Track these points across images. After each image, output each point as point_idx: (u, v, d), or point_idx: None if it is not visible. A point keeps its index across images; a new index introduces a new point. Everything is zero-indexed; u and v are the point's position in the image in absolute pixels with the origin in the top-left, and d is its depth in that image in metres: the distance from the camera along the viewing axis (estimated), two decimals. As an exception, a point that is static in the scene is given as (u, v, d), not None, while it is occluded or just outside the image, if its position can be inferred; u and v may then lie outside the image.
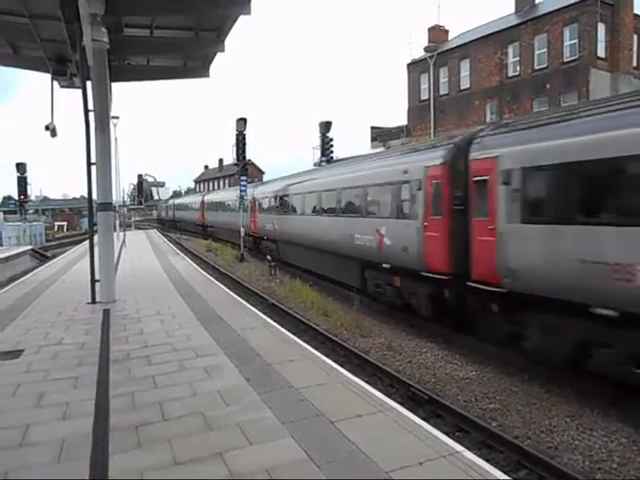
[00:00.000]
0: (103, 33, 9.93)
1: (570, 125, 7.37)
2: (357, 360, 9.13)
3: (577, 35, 25.30)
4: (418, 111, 34.77)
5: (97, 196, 10.66)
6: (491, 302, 8.75)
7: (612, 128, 6.58)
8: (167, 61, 14.84)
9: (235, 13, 11.18)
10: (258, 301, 14.35)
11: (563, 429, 6.32)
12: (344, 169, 15.78)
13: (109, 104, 11.48)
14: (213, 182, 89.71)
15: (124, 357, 6.61)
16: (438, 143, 11.12)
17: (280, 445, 4.14)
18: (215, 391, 5.34)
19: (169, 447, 4.11)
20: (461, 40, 33.29)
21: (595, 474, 5.32)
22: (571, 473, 5.16)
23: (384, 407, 4.98)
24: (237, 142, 24.65)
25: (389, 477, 3.65)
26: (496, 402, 7.21)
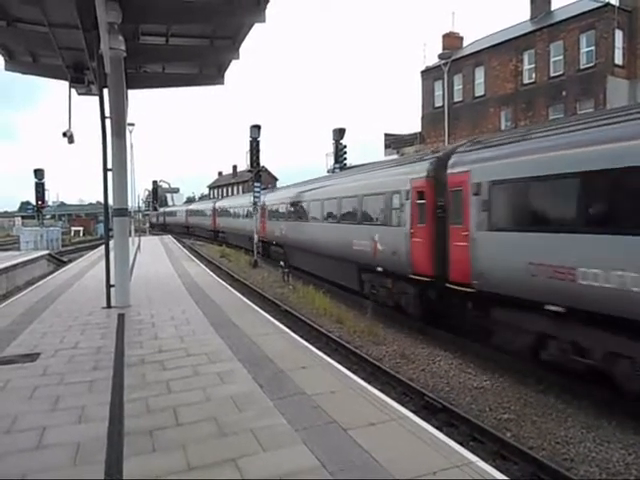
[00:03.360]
0: (120, 41, 10.10)
1: (523, 145, 8.62)
2: (370, 368, 9.10)
3: (594, 42, 25.05)
4: (432, 118, 34.68)
5: (113, 202, 10.78)
6: (466, 301, 9.82)
7: (550, 149, 7.84)
8: (182, 68, 15.01)
9: (250, 21, 11.29)
10: (271, 307, 14.38)
11: (579, 441, 6.22)
12: (343, 179, 16.87)
13: (125, 111, 11.64)
14: (227, 188, 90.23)
15: (139, 362, 6.66)
16: (424, 157, 12.13)
17: (293, 452, 4.13)
18: (228, 397, 5.35)
19: (183, 452, 4.12)
20: (476, 47, 33.19)
21: (613, 487, 5.23)
22: (588, 486, 5.07)
23: (398, 415, 4.94)
24: (251, 149, 24.79)
25: (403, 486, 3.62)
26: (510, 412, 7.12)
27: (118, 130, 10.68)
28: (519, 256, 8.15)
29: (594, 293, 6.86)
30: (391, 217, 12.48)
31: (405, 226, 11.73)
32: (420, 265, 11.14)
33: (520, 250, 8.20)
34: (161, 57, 13.49)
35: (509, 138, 9.32)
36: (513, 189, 8.59)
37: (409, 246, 11.50)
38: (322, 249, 17.07)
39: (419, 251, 11.18)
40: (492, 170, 9.04)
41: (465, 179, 9.66)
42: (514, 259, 8.28)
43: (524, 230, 8.22)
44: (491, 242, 8.96)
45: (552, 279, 7.48)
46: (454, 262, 9.93)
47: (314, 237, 17.87)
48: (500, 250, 8.73)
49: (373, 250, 13.20)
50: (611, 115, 7.41)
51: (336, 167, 25.44)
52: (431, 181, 10.95)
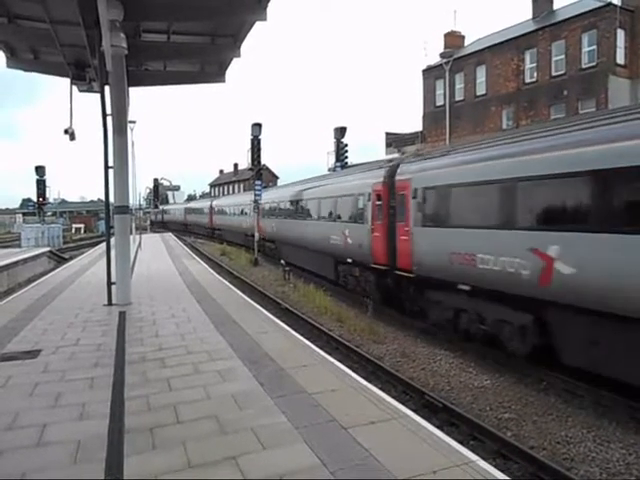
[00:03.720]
0: (122, 39, 10.09)
1: (444, 159, 11.04)
2: (371, 366, 9.09)
3: (595, 41, 24.97)
4: (433, 117, 34.63)
5: (114, 199, 10.79)
6: (409, 285, 11.94)
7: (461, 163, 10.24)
8: (184, 66, 15.00)
9: (251, 19, 11.28)
10: (272, 305, 14.38)
11: (580, 440, 6.21)
12: (323, 182, 19.03)
13: (127, 108, 11.63)
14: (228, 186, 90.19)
15: (139, 359, 6.67)
16: (382, 165, 14.14)
17: (294, 450, 4.14)
18: (229, 395, 5.35)
19: (183, 450, 4.13)
20: (477, 46, 33.12)
21: (613, 487, 5.23)
22: (588, 485, 5.06)
23: (398, 414, 4.94)
24: (252, 147, 24.76)
25: (403, 485, 3.62)
26: (511, 412, 7.11)
27: (119, 127, 10.68)
28: (442, 246, 10.29)
29: (487, 274, 8.93)
30: (357, 215, 14.57)
31: (367, 223, 13.77)
32: (378, 256, 13.16)
33: (443, 242, 10.33)
34: (162, 55, 13.48)
35: (438, 153, 11.84)
36: (437, 193, 10.75)
37: (370, 240, 13.55)
38: (307, 244, 19.14)
39: (377, 244, 13.25)
40: (424, 178, 11.23)
41: (407, 185, 11.78)
42: (439, 249, 10.44)
43: (445, 226, 10.40)
44: (424, 236, 11.13)
45: (462, 264, 9.60)
46: (400, 253, 12.05)
47: (300, 233, 19.88)
48: (430, 242, 10.89)
49: (344, 244, 15.35)
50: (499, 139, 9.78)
51: (337, 165, 25.42)
52: (386, 186, 12.95)
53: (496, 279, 8.75)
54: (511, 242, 8.48)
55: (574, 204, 7.67)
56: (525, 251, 8.11)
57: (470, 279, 9.51)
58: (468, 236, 9.56)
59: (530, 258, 8.02)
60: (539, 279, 7.87)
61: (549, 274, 7.71)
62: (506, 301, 8.75)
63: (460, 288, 9.76)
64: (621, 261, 6.60)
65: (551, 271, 7.66)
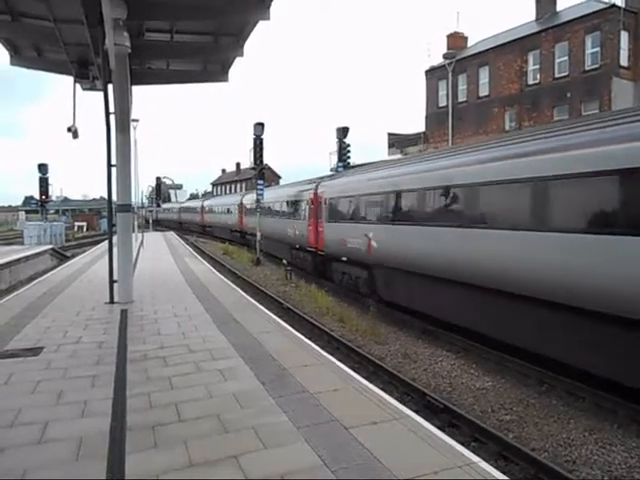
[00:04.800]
0: (125, 37, 10.09)
1: (335, 180, 18.47)
2: (372, 367, 9.09)
3: (599, 43, 24.98)
4: (436, 118, 34.64)
5: (117, 197, 10.81)
6: (325, 260, 18.21)
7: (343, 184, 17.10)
8: (187, 65, 15.00)
9: (254, 19, 11.27)
10: (273, 305, 14.38)
11: (581, 443, 6.20)
12: (285, 189, 26.41)
13: (129, 107, 11.64)
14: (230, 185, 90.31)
15: (141, 357, 6.68)
16: (315, 181, 20.31)
17: (295, 450, 4.13)
18: (230, 394, 5.35)
19: (185, 448, 4.12)
20: (480, 47, 33.12)
21: (614, 490, 5.22)
22: (590, 488, 5.06)
23: (399, 415, 4.94)
24: (254, 146, 24.78)
25: (405, 486, 3.61)
26: (513, 413, 7.10)
27: (122, 126, 10.69)
28: (337, 234, 16.42)
29: (351, 250, 15.09)
30: (301, 214, 20.97)
31: (306, 220, 20.01)
32: (311, 242, 19.33)
33: (337, 232, 16.46)
34: (165, 53, 13.49)
35: (337, 175, 20.12)
36: (334, 201, 17.21)
37: (307, 231, 19.76)
38: (274, 236, 25.51)
39: (310, 234, 19.38)
40: (328, 192, 17.96)
41: (322, 196, 18.45)
42: (334, 236, 16.74)
43: (337, 221, 16.67)
44: (328, 228, 17.44)
45: (342, 245, 15.74)
46: (319, 239, 18.34)
47: (270, 228, 26.01)
48: (330, 232, 17.20)
49: (294, 235, 21.73)
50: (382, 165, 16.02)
51: (339, 166, 25.38)
52: (315, 195, 19.22)
53: (354, 253, 14.99)
54: (358, 231, 14.61)
55: (372, 209, 14.23)
56: (363, 236, 14.16)
57: (346, 254, 15.65)
58: (344, 228, 15.86)
59: (364, 240, 14.05)
60: (368, 251, 13.91)
61: (370, 248, 13.82)
62: (359, 265, 14.91)
63: (342, 260, 16.03)
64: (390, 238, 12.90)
65: (371, 247, 13.79)
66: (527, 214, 8.30)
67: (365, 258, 14.05)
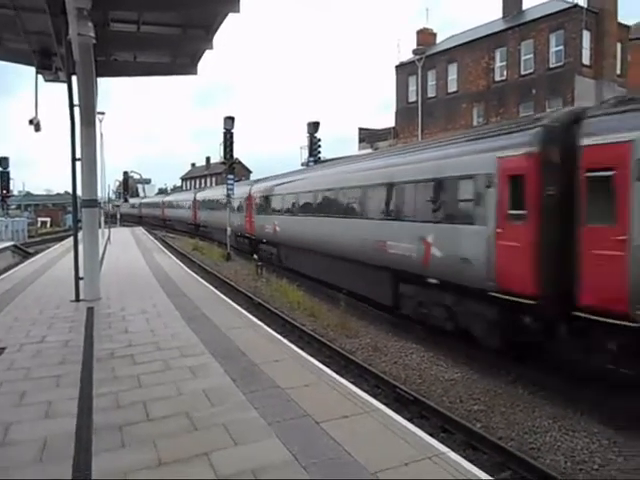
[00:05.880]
0: (89, 28, 9.78)
1: (260, 184, 24.47)
2: (343, 361, 9.14)
3: (563, 42, 25.57)
4: (406, 113, 34.89)
5: (82, 192, 10.52)
6: (256, 242, 23.45)
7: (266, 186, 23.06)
8: (154, 57, 14.67)
9: (224, 10, 11.08)
10: (244, 300, 14.29)
11: (546, 430, 6.39)
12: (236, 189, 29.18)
13: (95, 99, 11.33)
14: (200, 180, 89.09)
15: (108, 356, 6.54)
16: (252, 182, 26.82)
17: (266, 446, 4.12)
18: (200, 391, 5.30)
19: (153, 447, 4.06)
20: (449, 44, 33.49)
21: (577, 475, 5.40)
22: (553, 474, 5.22)
23: (370, 408, 4.98)
24: (224, 140, 24.52)
25: (375, 478, 3.65)
26: (480, 403, 7.27)
27: (87, 119, 10.41)
28: (260, 223, 22.10)
29: (267, 235, 21.27)
30: (242, 209, 25.89)
31: (244, 212, 25.41)
32: (248, 230, 24.70)
33: (260, 221, 22.11)
34: (132, 45, 13.16)
35: (262, 179, 25.23)
36: (259, 199, 22.91)
37: (244, 222, 25.20)
38: (222, 226, 28.02)
39: (247, 224, 24.71)
40: (255, 191, 23.91)
41: (253, 195, 24.06)
42: (259, 224, 22.34)
43: (260, 214, 22.35)
44: (256, 219, 23.05)
45: (263, 231, 21.61)
46: (252, 227, 23.83)
47: (221, 219, 28.96)
48: (257, 221, 22.82)
49: (237, 225, 26.02)
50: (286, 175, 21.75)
51: (310, 160, 25.40)
52: (249, 194, 24.74)
53: (269, 236, 20.85)
54: (270, 220, 20.54)
55: (277, 205, 20.14)
56: (273, 224, 19.74)
57: (265, 237, 21.70)
58: (263, 219, 21.87)
59: (272, 226, 19.78)
60: (274, 233, 19.78)
61: (276, 231, 19.42)
62: (271, 244, 20.88)
63: (264, 241, 21.99)
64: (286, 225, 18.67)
65: (276, 230, 19.40)
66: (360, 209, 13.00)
67: (274, 239, 20.50)
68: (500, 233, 8.14)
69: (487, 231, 8.40)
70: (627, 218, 6.47)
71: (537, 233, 7.59)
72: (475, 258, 8.59)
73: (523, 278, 7.65)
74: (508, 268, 7.98)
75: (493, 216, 8.32)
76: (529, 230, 7.67)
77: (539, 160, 7.59)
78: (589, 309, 6.83)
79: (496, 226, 8.24)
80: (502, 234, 8.09)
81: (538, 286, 7.49)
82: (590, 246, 6.91)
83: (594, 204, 6.94)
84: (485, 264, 8.38)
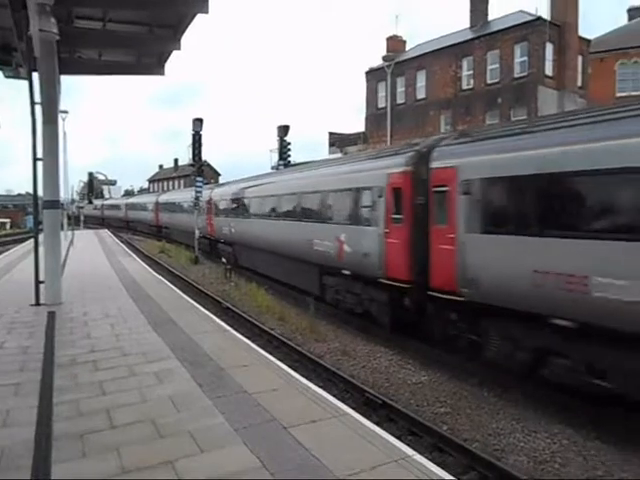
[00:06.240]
0: (52, 24, 9.53)
1: (217, 189, 26.90)
2: (311, 365, 9.13)
3: (527, 53, 26.34)
4: (376, 118, 35.25)
5: (43, 193, 10.21)
6: (217, 243, 25.26)
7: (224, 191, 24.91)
8: (120, 56, 14.42)
9: (192, 11, 10.98)
10: (212, 304, 14.11)
11: (509, 432, 6.53)
12: (184, 193, 33.86)
13: (57, 97, 11.02)
14: (168, 182, 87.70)
15: (70, 362, 6.34)
16: (213, 186, 28.01)
17: (233, 452, 4.07)
18: (166, 397, 5.19)
19: (116, 456, 3.95)
20: (418, 51, 34.03)
21: (539, 474, 5.53)
22: (517, 474, 5.33)
23: (338, 412, 4.98)
24: (193, 142, 24.27)
25: (343, 482, 3.65)
26: (447, 406, 7.37)
27: (49, 117, 10.12)
28: (218, 225, 23.72)
29: (225, 235, 22.96)
30: (202, 211, 25.94)
31: (204, 215, 25.82)
32: (209, 231, 25.64)
33: (219, 223, 23.58)
34: (97, 43, 12.90)
35: (219, 185, 29.46)
36: (217, 203, 24.36)
37: (205, 224, 25.72)
38: (189, 229, 28.62)
39: (208, 226, 25.52)
40: (214, 196, 25.05)
41: (213, 199, 25.16)
42: (218, 226, 23.79)
43: (218, 216, 23.83)
44: (215, 221, 24.28)
45: (220, 232, 23.53)
46: (212, 229, 24.97)
47: (186, 222, 30.51)
48: (216, 224, 23.98)
49: (201, 226, 25.90)
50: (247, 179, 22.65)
51: (280, 164, 25.37)
52: (211, 199, 25.45)
53: (225, 236, 22.83)
54: (226, 222, 22.35)
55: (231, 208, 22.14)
56: (229, 226, 21.81)
57: (222, 237, 23.49)
58: (221, 221, 23.36)
59: (228, 228, 21.52)
60: (230, 235, 21.72)
61: (231, 232, 21.47)
62: (228, 244, 22.59)
63: (221, 241, 23.85)
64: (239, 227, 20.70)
65: (231, 232, 21.49)
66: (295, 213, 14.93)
67: (230, 239, 22.16)
68: (387, 232, 10.27)
69: (379, 231, 10.50)
70: (455, 221, 8.51)
71: (409, 232, 9.76)
72: (372, 253, 10.70)
73: (401, 267, 9.86)
74: (392, 260, 10.11)
75: (383, 219, 10.40)
76: (404, 230, 9.85)
77: (411, 177, 9.78)
78: (437, 290, 8.88)
79: (384, 227, 10.35)
80: (388, 233, 10.24)
81: (410, 274, 9.62)
82: (435, 242, 9.00)
83: (438, 210, 8.99)
84: (378, 257, 10.49)
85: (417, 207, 9.61)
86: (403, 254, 9.80)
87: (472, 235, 8.13)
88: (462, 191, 8.35)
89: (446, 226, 8.68)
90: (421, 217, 9.38)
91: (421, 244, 9.28)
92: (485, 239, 7.93)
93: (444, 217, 8.73)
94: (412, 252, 9.60)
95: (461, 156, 8.65)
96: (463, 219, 8.32)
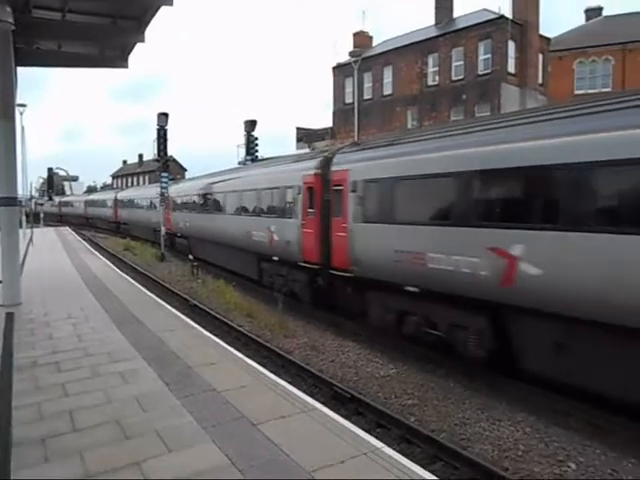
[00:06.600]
0: (7, 13, 9.17)
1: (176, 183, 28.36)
2: (281, 361, 9.12)
3: (491, 50, 26.91)
4: (343, 114, 35.35)
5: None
6: (174, 237, 26.02)
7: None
8: (81, 48, 13.94)
9: (156, 3, 10.73)
10: (179, 302, 13.90)
11: (475, 421, 6.68)
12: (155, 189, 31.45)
13: (14, 90, 10.61)
14: (132, 178, 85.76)
15: (30, 364, 6.15)
16: (171, 184, 26.54)
17: (201, 451, 4.04)
18: (132, 397, 5.10)
19: (80, 459, 3.86)
20: (385, 47, 34.27)
21: (503, 462, 5.69)
22: (482, 462, 5.47)
23: (307, 407, 5.00)
24: (158, 137, 23.79)
25: (311, 477, 3.67)
26: (414, 398, 7.48)
27: (5, 111, 9.75)
28: (175, 220, 24.74)
29: (181, 228, 24.15)
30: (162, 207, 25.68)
31: (162, 210, 25.19)
32: (168, 225, 25.26)
33: (176, 218, 24.65)
34: (57, 34, 12.41)
35: (176, 182, 29.56)
36: (174, 198, 24.99)
37: (164, 219, 24.99)
38: (138, 222, 33.89)
39: (168, 220, 25.26)
40: (172, 192, 24.91)
41: (171, 195, 24.97)
42: (174, 221, 24.85)
43: (175, 211, 24.93)
44: (174, 216, 24.85)
45: (177, 226, 24.49)
46: (170, 223, 25.13)
47: (144, 217, 32.27)
48: (177, 218, 24.48)
49: (157, 221, 26.04)
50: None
51: (247, 159, 25.15)
52: (170, 195, 25.02)
53: (182, 230, 23.91)
54: (183, 217, 23.73)
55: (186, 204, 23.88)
56: (184, 220, 23.44)
57: (180, 231, 24.40)
58: (177, 215, 24.47)
59: (184, 222, 23.51)
60: (185, 228, 23.26)
61: (186, 226, 23.13)
62: (183, 237, 24.32)
63: (178, 235, 24.81)
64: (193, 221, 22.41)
65: (186, 226, 23.14)
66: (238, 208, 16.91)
67: (185, 232, 23.54)
68: (304, 223, 12.32)
69: (298, 222, 12.57)
70: (347, 213, 10.61)
71: (319, 223, 11.73)
72: (293, 241, 12.79)
73: (313, 252, 11.89)
74: (307, 246, 12.16)
75: (301, 212, 12.44)
76: (316, 221, 11.87)
77: (321, 178, 11.78)
78: (337, 269, 11.07)
79: (302, 219, 12.38)
80: (304, 224, 12.30)
81: (320, 257, 11.61)
82: (335, 230, 11.12)
83: (336, 205, 11.11)
84: (297, 244, 12.56)
85: (324, 202, 11.63)
86: (315, 241, 11.88)
87: (357, 224, 10.33)
88: (351, 189, 10.48)
89: (341, 217, 10.81)
90: (327, 211, 11.50)
91: (325, 232, 11.51)
92: (365, 227, 10.13)
93: (340, 210, 10.86)
94: (321, 239, 11.69)
95: (351, 162, 10.89)
96: (351, 212, 10.46)
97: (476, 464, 5.45)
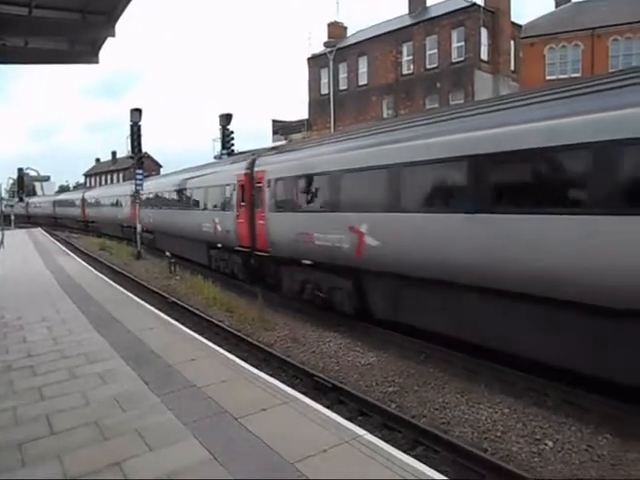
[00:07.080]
0: (-31, 9, 8.86)
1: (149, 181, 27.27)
2: (261, 354, 9.11)
3: (464, 38, 27.06)
4: (319, 105, 35.23)
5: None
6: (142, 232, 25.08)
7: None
8: (50, 44, 13.54)
9: (125, -4, 10.49)
10: (157, 300, 13.76)
11: (455, 405, 6.79)
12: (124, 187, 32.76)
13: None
14: (106, 176, 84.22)
15: (4, 369, 6.04)
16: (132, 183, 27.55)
17: (182, 447, 4.03)
18: (111, 398, 5.06)
19: (58, 463, 3.82)
20: (359, 37, 34.19)
21: (482, 443, 5.80)
22: (462, 445, 5.57)
23: (289, 399, 5.03)
24: (132, 134, 23.40)
25: (294, 468, 3.69)
26: (395, 385, 7.56)
27: (-31, 110, 9.43)
28: (144, 216, 24.33)
29: (148, 224, 24.56)
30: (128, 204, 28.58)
31: (129, 207, 28.23)
32: (131, 221, 26.63)
33: (144, 215, 24.38)
34: (23, 30, 12.01)
35: (149, 179, 28.25)
36: (147, 199, 25.17)
37: (130, 215, 27.40)
38: (104, 220, 36.29)
39: (132, 217, 26.18)
40: (146, 192, 24.90)
41: (142, 197, 24.69)
42: (143, 217, 24.34)
43: (144, 208, 24.64)
44: (144, 212, 24.53)
45: (144, 221, 24.30)
46: (140, 221, 24.48)
47: (103, 215, 36.21)
48: (142, 214, 24.32)
49: (123, 217, 29.81)
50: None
51: (223, 153, 24.91)
52: (134, 199, 25.33)
53: (148, 225, 24.64)
54: (149, 213, 24.61)
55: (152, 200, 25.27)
56: (149, 216, 24.53)
57: (147, 227, 24.56)
58: (145, 212, 24.58)
59: (148, 218, 24.57)
60: (151, 223, 24.63)
61: (150, 222, 24.55)
62: (149, 232, 25.11)
63: (146, 230, 24.73)
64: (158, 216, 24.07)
65: (150, 221, 24.57)
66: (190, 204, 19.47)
67: (150, 227, 24.79)
68: (238, 215, 14.76)
69: (234, 214, 15.02)
70: (265, 204, 13.03)
71: (249, 214, 14.06)
72: (231, 230, 15.23)
73: (245, 238, 14.26)
74: (241, 233, 14.55)
75: (236, 206, 14.92)
76: (246, 213, 14.22)
77: (249, 177, 14.16)
78: (260, 250, 13.45)
79: (236, 211, 14.84)
80: (238, 215, 14.73)
81: (250, 241, 13.93)
82: (257, 219, 13.52)
83: (258, 198, 13.53)
84: (234, 232, 15.01)
85: (252, 197, 13.95)
86: (246, 229, 14.25)
87: (271, 213, 12.77)
88: (267, 186, 12.93)
89: (261, 208, 13.23)
90: (253, 204, 13.87)
91: (253, 221, 13.85)
92: (276, 215, 12.62)
93: (260, 203, 13.29)
94: (251, 227, 13.99)
95: (267, 164, 13.38)
96: (267, 203, 12.88)
97: (456, 447, 5.55)
